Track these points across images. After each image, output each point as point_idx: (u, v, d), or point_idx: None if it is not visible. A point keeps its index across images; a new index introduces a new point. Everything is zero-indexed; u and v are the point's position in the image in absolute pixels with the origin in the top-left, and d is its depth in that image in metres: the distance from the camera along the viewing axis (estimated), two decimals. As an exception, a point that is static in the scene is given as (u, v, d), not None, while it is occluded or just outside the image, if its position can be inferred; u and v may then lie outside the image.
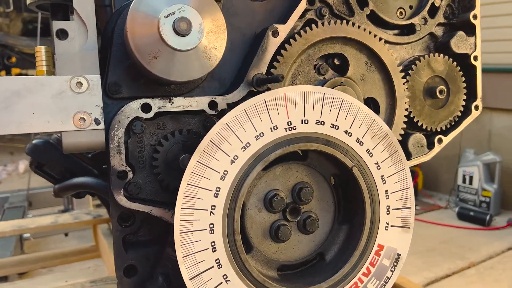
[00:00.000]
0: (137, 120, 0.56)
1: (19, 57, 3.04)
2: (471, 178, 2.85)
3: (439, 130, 0.73)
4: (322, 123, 0.55)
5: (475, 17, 0.73)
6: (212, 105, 0.59)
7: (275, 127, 0.53)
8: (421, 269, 2.18)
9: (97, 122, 0.53)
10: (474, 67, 0.74)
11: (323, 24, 0.63)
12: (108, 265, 1.59)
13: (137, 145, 0.57)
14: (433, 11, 0.74)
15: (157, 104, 0.56)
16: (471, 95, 0.75)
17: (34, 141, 0.89)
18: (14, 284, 1.63)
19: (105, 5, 0.67)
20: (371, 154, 0.58)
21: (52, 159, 0.89)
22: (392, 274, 0.60)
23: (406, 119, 0.70)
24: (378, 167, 0.58)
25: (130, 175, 0.55)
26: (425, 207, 3.02)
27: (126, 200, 0.55)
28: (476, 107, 0.75)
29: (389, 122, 0.69)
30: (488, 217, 2.72)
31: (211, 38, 0.51)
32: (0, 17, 2.99)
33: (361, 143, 0.57)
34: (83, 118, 0.53)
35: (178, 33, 0.48)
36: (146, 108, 0.56)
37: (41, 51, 0.60)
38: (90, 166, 0.93)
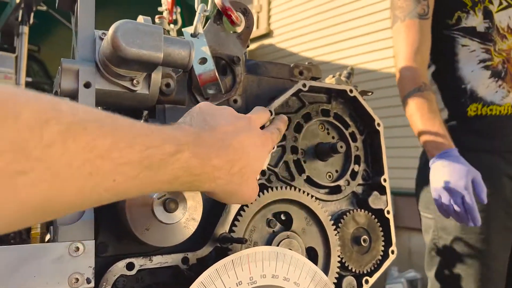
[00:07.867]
0: (120, 277, 0.66)
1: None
2: (397, 295, 3.03)
3: (365, 272, 0.89)
4: (277, 276, 0.69)
5: (384, 180, 0.95)
6: (185, 260, 0.71)
7: (240, 282, 0.65)
8: None
9: (88, 281, 0.62)
10: (388, 219, 0.94)
11: (272, 189, 0.81)
12: None
13: (118, 299, 0.66)
14: (354, 174, 0.95)
15: (139, 263, 0.67)
16: (388, 242, 0.93)
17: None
18: None
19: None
20: (315, 300, 0.71)
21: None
22: None
23: (339, 264, 0.85)
24: (321, 311, 0.72)
25: (113, 328, 0.63)
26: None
27: None
28: (392, 251, 0.93)
29: (326, 267, 0.84)
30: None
31: (191, 212, 0.65)
32: None
33: (307, 291, 0.71)
34: (77, 278, 0.62)
35: (167, 210, 0.61)
36: (130, 267, 0.66)
37: (37, 215, 0.70)
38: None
